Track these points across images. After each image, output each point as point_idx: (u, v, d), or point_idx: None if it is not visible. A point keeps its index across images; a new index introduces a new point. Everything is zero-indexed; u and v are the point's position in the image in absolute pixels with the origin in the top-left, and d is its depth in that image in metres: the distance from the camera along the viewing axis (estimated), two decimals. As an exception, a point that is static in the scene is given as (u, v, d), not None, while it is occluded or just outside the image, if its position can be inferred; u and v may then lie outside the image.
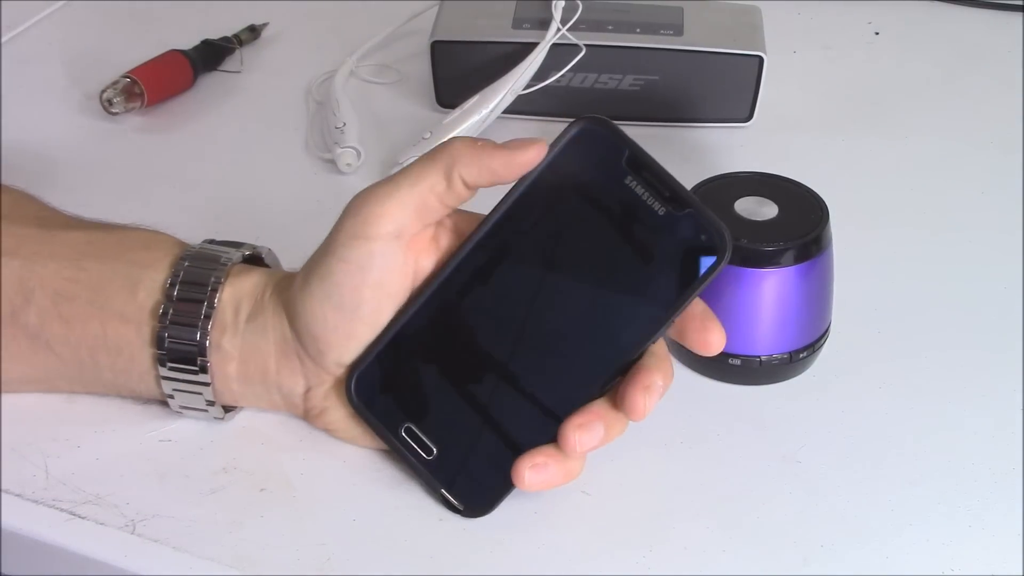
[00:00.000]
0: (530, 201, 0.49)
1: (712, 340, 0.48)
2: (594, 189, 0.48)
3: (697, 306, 0.48)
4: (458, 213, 0.50)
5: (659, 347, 0.49)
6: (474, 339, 0.49)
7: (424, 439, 0.49)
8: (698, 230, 0.46)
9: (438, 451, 0.48)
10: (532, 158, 0.48)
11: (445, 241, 0.50)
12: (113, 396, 0.53)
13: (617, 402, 0.48)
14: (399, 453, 0.49)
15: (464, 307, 0.49)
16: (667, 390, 0.48)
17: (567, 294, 0.48)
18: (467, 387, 0.49)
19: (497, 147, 0.48)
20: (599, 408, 0.48)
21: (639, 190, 0.47)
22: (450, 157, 0.48)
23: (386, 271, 0.48)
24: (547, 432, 0.47)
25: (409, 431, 0.49)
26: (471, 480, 0.48)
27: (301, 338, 0.50)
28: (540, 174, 0.48)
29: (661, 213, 0.47)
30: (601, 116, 0.48)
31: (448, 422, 0.49)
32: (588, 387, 0.48)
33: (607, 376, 0.48)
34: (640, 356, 0.48)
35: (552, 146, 0.49)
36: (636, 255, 0.47)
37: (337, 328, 0.49)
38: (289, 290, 0.50)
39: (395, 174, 0.49)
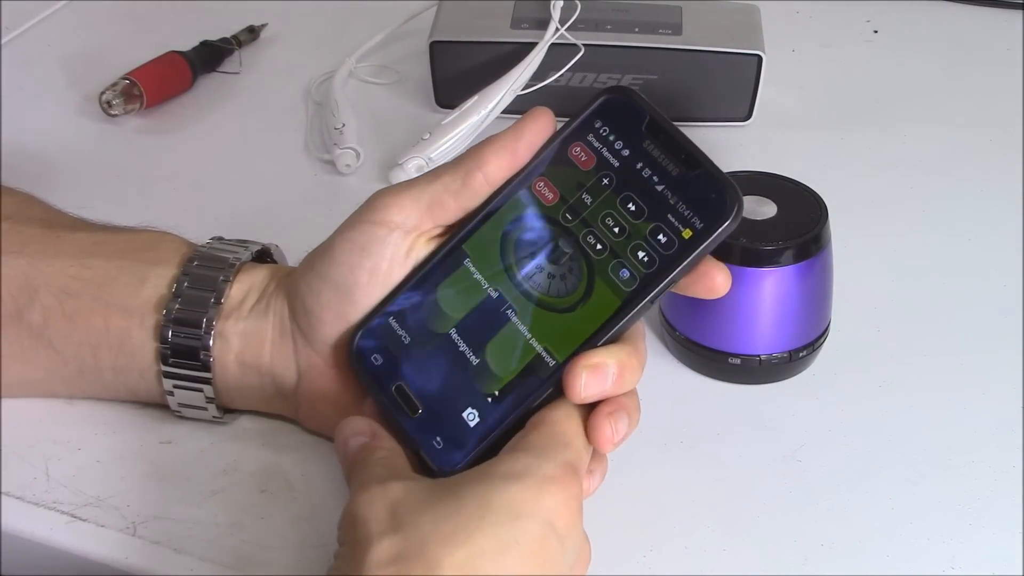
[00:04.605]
0: (550, 166, 0.49)
1: (717, 280, 0.47)
2: (613, 153, 0.49)
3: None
4: None
5: (634, 332, 0.48)
6: (478, 301, 0.49)
7: (412, 398, 0.49)
8: (709, 189, 0.47)
9: (424, 410, 0.48)
10: (543, 124, 0.49)
11: None
12: (112, 399, 0.54)
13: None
14: (387, 413, 0.49)
15: (472, 270, 0.49)
16: (621, 384, 0.46)
17: (578, 258, 0.48)
18: (465, 349, 0.49)
19: (508, 130, 0.49)
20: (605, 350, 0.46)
21: (655, 153, 0.48)
22: (474, 159, 0.49)
23: (385, 259, 0.49)
24: (538, 394, 0.47)
25: (399, 389, 0.49)
26: (448, 441, 0.48)
27: (296, 313, 0.50)
28: (562, 142, 0.49)
29: (675, 174, 0.48)
30: (625, 86, 0.50)
31: (437, 384, 0.49)
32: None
33: (608, 339, 0.47)
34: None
35: (576, 115, 0.50)
36: (649, 213, 0.47)
37: (329, 305, 0.49)
38: (294, 274, 0.51)
39: (418, 175, 0.50)
